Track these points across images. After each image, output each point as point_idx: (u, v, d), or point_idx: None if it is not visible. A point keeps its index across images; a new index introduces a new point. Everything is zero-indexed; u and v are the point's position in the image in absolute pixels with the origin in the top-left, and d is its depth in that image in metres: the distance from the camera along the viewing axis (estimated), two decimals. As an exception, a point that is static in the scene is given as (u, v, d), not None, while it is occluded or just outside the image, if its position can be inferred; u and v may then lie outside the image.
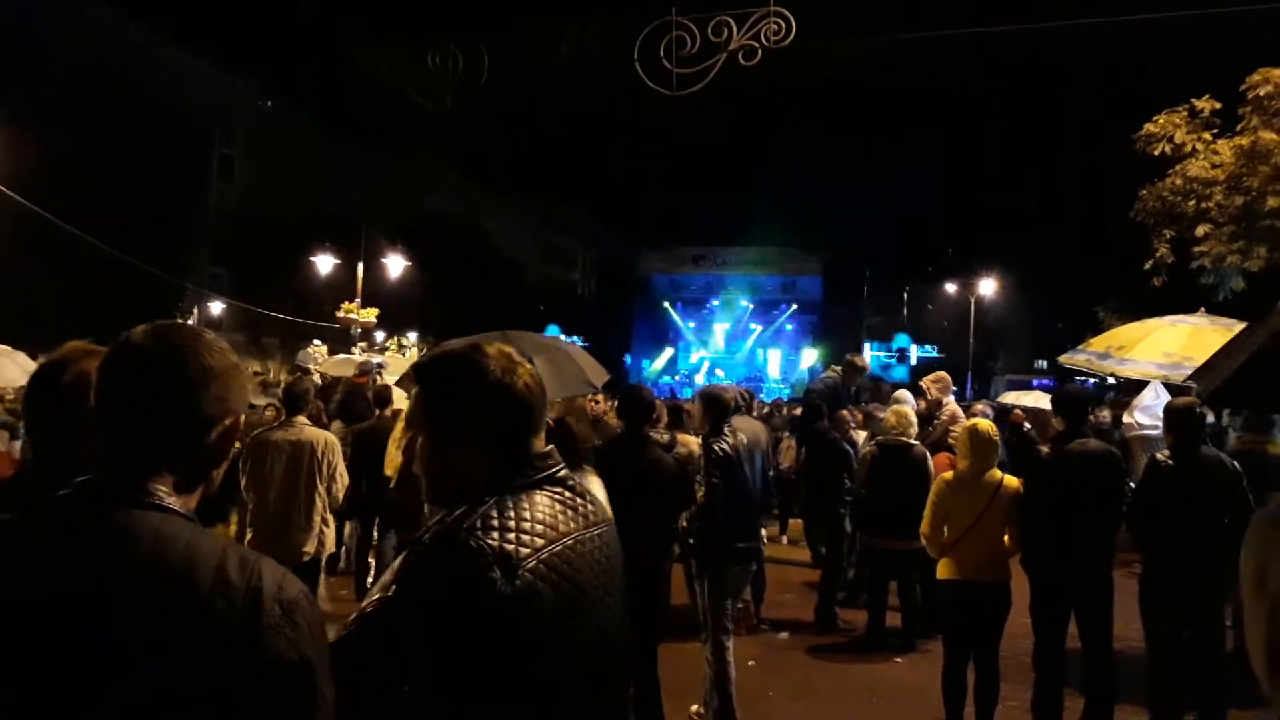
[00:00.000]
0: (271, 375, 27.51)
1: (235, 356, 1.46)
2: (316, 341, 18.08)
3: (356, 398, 10.35)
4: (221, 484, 1.53)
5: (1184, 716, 5.03)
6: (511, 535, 1.51)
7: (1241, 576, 1.97)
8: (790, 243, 45.21)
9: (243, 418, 1.47)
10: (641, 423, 4.89)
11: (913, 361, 44.62)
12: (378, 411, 8.35)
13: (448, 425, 1.66)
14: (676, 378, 42.94)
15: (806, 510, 9.47)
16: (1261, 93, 10.70)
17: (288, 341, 30.01)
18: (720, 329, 45.98)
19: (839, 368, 9.36)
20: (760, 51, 9.12)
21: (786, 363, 45.73)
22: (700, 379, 42.94)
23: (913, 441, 7.01)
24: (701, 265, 47.20)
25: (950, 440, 7.83)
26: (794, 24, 8.98)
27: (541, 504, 1.61)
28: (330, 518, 6.05)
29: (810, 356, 45.60)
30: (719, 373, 43.97)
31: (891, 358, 45.32)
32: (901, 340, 45.87)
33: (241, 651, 1.22)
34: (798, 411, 11.93)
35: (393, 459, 6.64)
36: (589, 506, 1.71)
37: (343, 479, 6.06)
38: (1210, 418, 7.33)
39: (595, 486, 5.95)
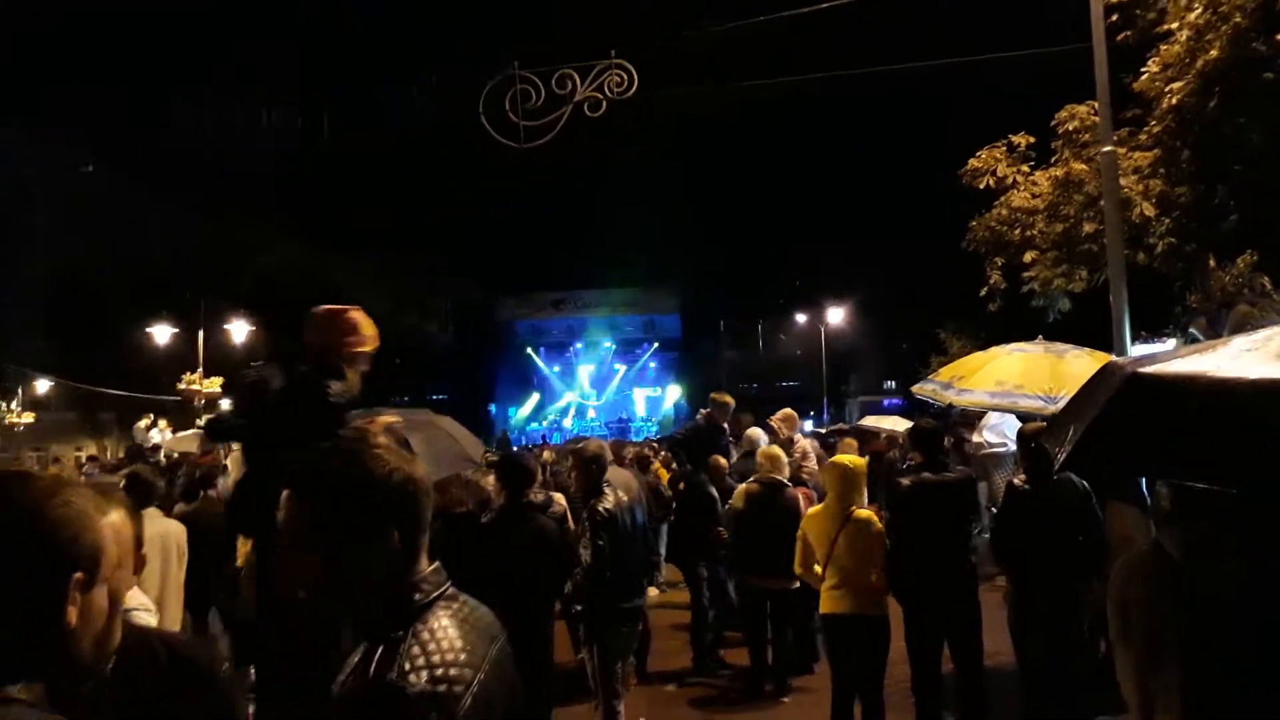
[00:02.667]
0: (109, 454, 25.79)
1: (63, 499, 1.31)
2: (149, 417, 17.03)
3: (212, 476, 9.76)
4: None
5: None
6: (440, 671, 1.42)
7: (1109, 621, 2.06)
8: (648, 283, 45.87)
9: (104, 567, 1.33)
10: (523, 491, 4.79)
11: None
12: (202, 493, 7.69)
13: (346, 538, 1.50)
14: (545, 423, 42.65)
15: (680, 558, 9.47)
16: (1070, 127, 11.56)
17: (125, 417, 28.21)
18: (585, 371, 46.08)
19: (706, 410, 9.47)
20: (605, 102, 9.27)
21: (651, 401, 46.18)
22: (569, 423, 42.84)
23: (785, 481, 7.14)
24: (562, 309, 47.23)
25: (804, 476, 8.04)
26: (635, 76, 9.17)
27: (452, 630, 1.50)
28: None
29: (674, 393, 46.22)
30: (590, 413, 44.00)
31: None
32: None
33: None
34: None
35: (242, 549, 6.25)
36: (486, 617, 1.62)
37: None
38: None
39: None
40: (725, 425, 8.97)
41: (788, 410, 8.95)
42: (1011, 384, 7.81)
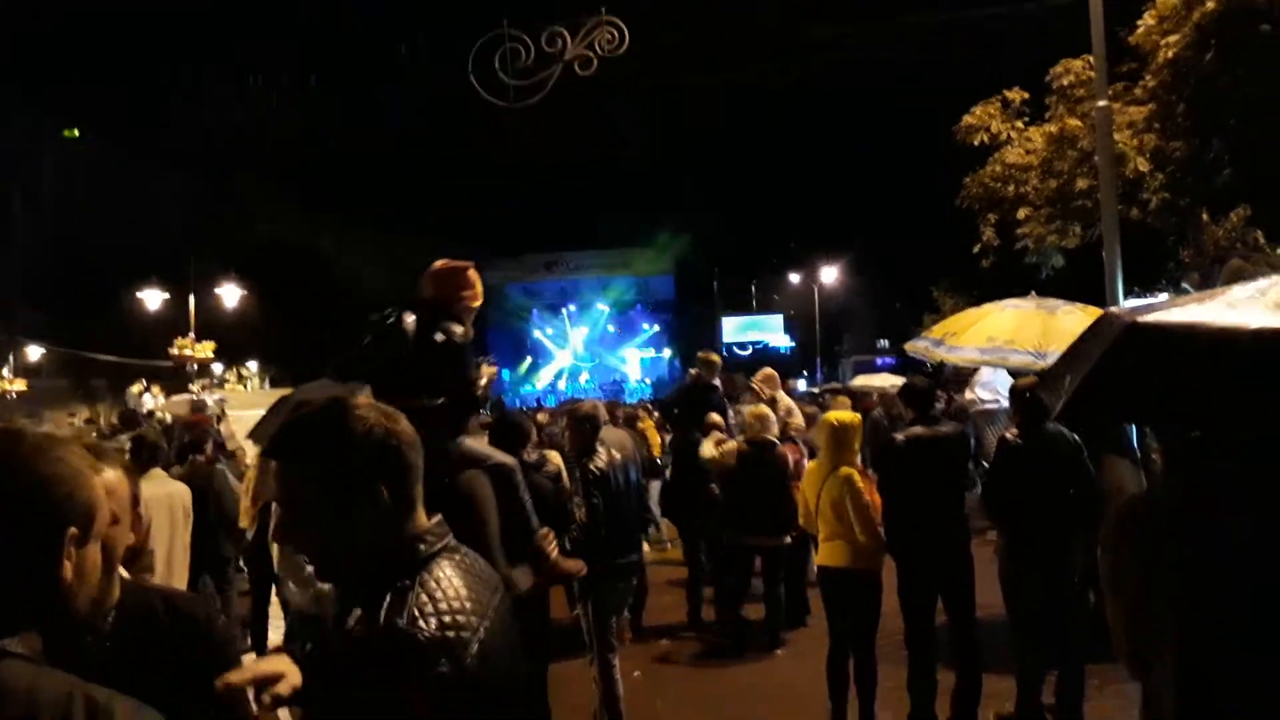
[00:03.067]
0: (102, 421, 25.76)
1: (57, 455, 1.31)
2: (142, 383, 17.00)
3: (201, 440, 9.74)
4: None
5: (1046, 676, 5.31)
6: (449, 619, 1.42)
7: (1101, 573, 2.07)
8: (641, 243, 45.66)
9: (98, 523, 1.33)
10: (516, 451, 4.79)
11: (787, 343, 46.00)
12: (191, 456, 7.62)
13: (336, 498, 1.49)
14: (539, 386, 42.71)
15: (675, 515, 9.51)
16: (1065, 82, 11.49)
17: (117, 384, 28.14)
18: (578, 334, 46.02)
19: (695, 370, 9.47)
20: (595, 61, 9.15)
21: (645, 363, 46.22)
22: (563, 385, 42.89)
23: (774, 440, 7.17)
24: (554, 271, 47.05)
25: (791, 433, 8.07)
26: (627, 32, 9.04)
27: (457, 580, 1.51)
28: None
29: (668, 355, 46.26)
30: (584, 376, 44.05)
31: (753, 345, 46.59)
32: (757, 326, 47.21)
33: None
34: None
35: (246, 509, 6.29)
36: (487, 570, 1.63)
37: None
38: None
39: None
40: (717, 383, 8.97)
41: (768, 370, 8.94)
42: (1002, 340, 7.85)
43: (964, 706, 5.26)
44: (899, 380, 13.02)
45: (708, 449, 7.67)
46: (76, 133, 36.05)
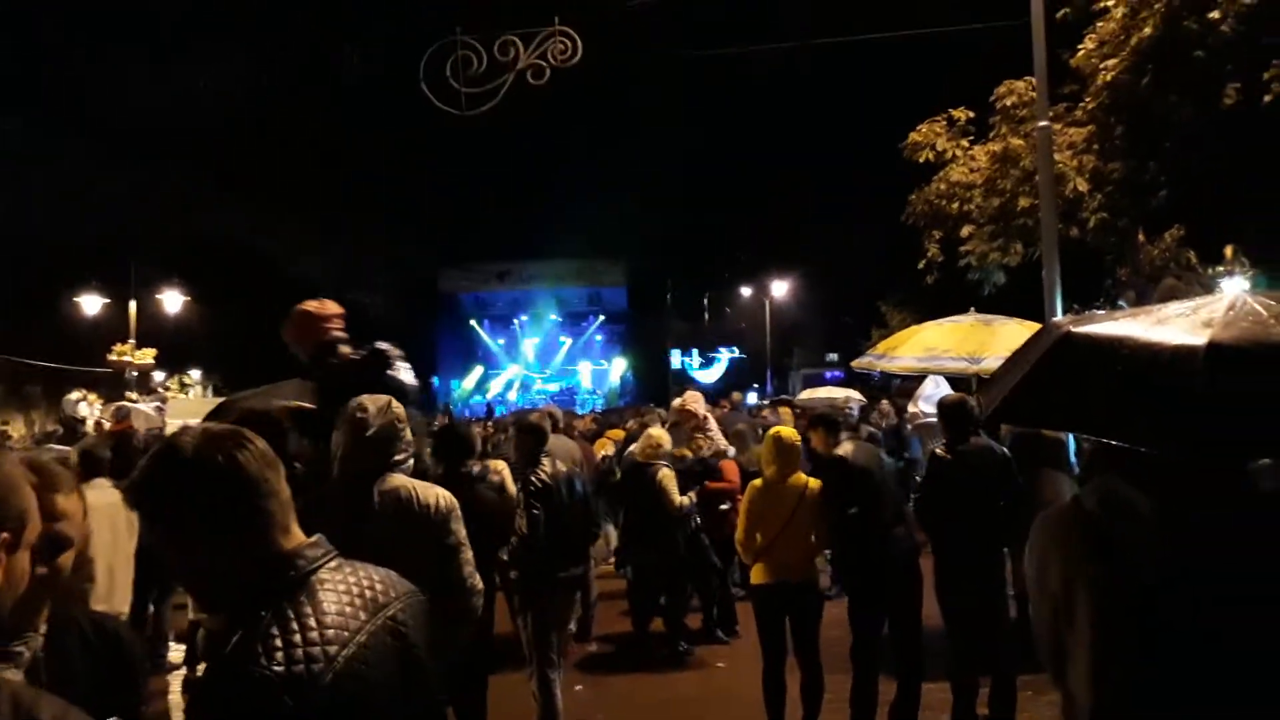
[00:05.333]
0: (37, 428, 25.02)
1: (4, 464, 1.35)
2: (81, 391, 16.54)
3: (129, 449, 9.48)
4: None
5: (980, 685, 5.38)
6: (299, 653, 1.38)
7: (1027, 575, 2.10)
8: (593, 254, 45.61)
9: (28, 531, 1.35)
10: (461, 461, 4.74)
11: (723, 363, 46.25)
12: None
13: (167, 529, 1.49)
14: (489, 396, 42.39)
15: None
16: (1008, 102, 11.72)
17: (53, 390, 27.34)
18: (530, 344, 45.79)
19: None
20: (548, 71, 9.13)
21: (597, 374, 46.14)
22: (513, 396, 42.65)
23: (654, 461, 7.21)
24: (506, 281, 46.76)
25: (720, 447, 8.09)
26: (580, 43, 9.05)
27: (328, 601, 1.47)
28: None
29: (620, 366, 46.22)
30: (537, 385, 43.83)
31: (704, 363, 46.84)
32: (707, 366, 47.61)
33: None
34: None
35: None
36: (379, 585, 1.59)
37: None
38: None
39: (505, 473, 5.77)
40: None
41: (691, 392, 8.94)
42: (940, 349, 8.15)
43: (901, 717, 5.29)
44: (842, 391, 13.16)
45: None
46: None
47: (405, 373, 3.85)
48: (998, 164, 11.71)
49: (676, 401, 8.69)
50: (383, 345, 3.91)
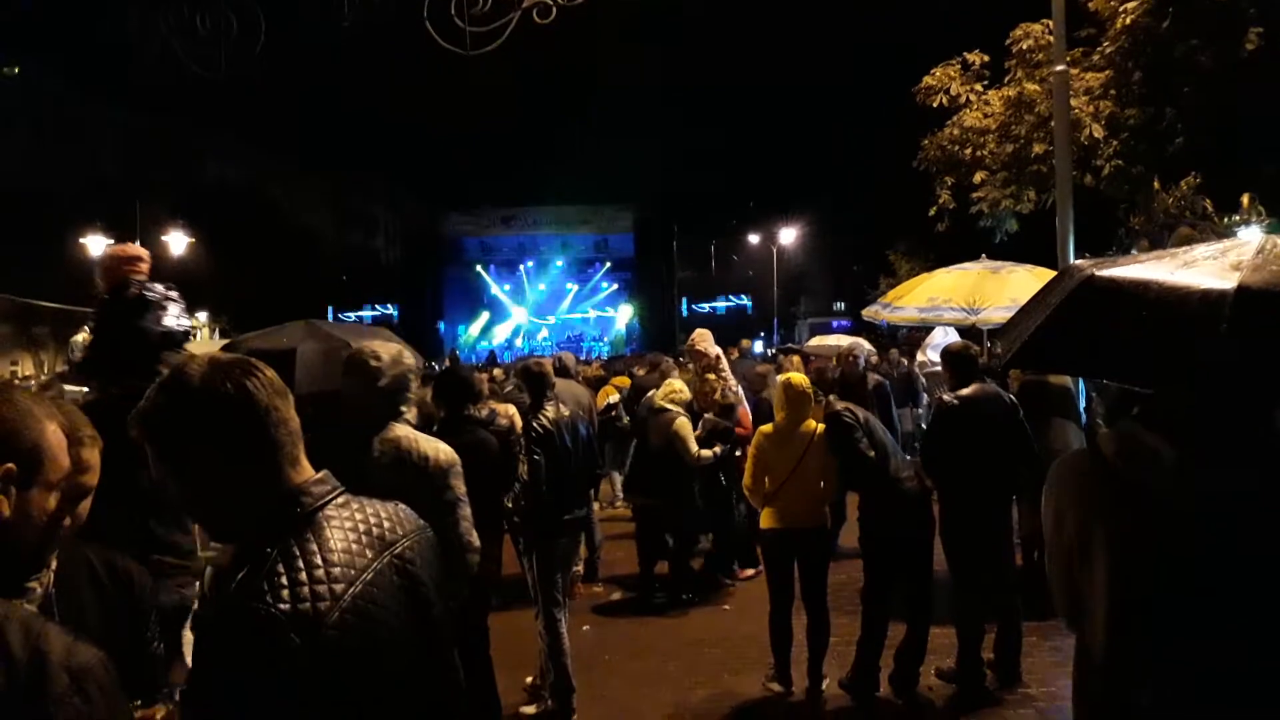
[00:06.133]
0: (46, 368, 25.11)
1: (15, 406, 1.37)
2: (86, 332, 16.51)
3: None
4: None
5: (985, 632, 5.42)
6: (305, 590, 1.36)
7: (1044, 519, 2.08)
8: (601, 200, 45.30)
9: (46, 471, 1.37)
10: (462, 405, 4.71)
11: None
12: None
13: (175, 458, 1.46)
14: (495, 341, 42.42)
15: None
16: (1024, 46, 11.50)
17: (61, 331, 27.40)
18: (536, 290, 45.68)
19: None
20: (554, 9, 8.93)
21: (603, 321, 46.08)
22: (519, 342, 42.67)
23: (670, 408, 7.14)
24: (512, 226, 46.52)
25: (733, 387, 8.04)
26: (589, -19, 8.84)
27: (334, 539, 1.45)
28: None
29: (626, 313, 46.16)
30: (542, 333, 43.82)
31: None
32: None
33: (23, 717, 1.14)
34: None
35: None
36: (386, 522, 1.57)
37: None
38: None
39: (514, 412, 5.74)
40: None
41: (701, 330, 8.77)
42: (941, 299, 8.11)
43: (908, 661, 5.34)
44: (846, 339, 13.10)
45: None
46: (16, 70, 34.67)
47: (171, 318, 3.77)
48: (1012, 109, 11.53)
49: (699, 341, 8.34)
50: (151, 290, 3.81)
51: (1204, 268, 1.87)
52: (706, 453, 7.01)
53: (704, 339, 8.13)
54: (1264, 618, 1.74)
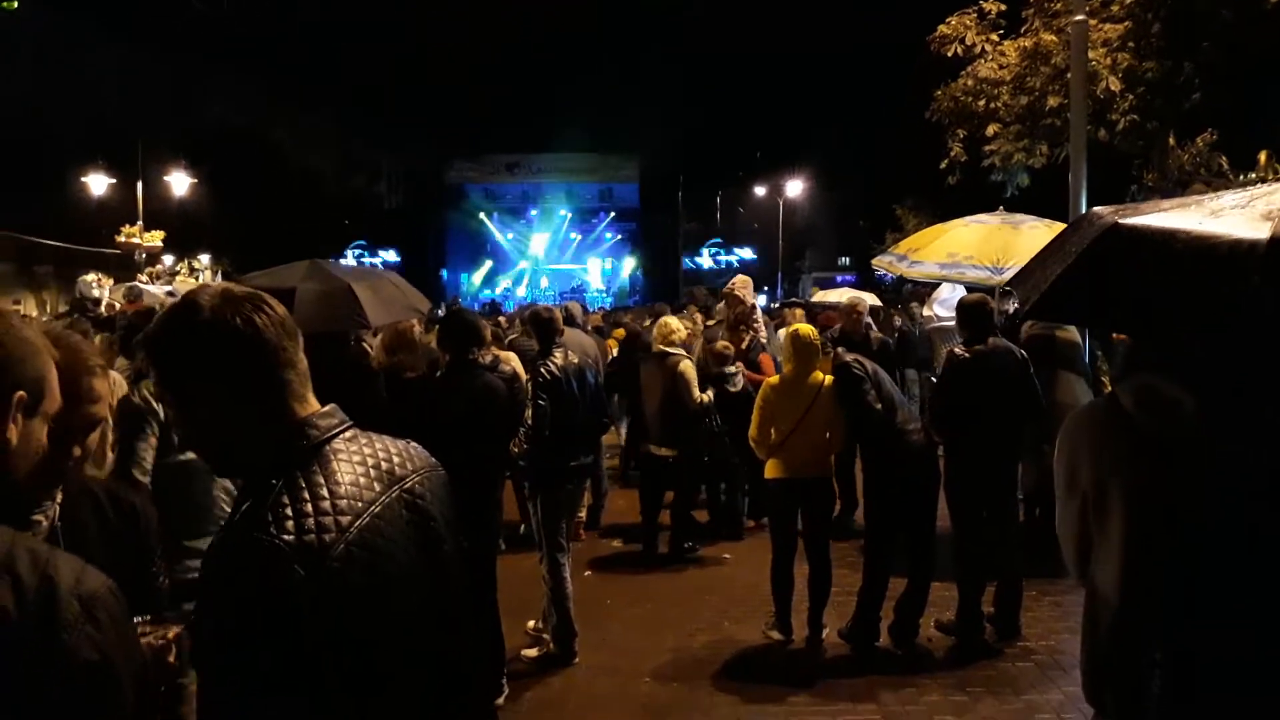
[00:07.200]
0: (49, 308, 25.09)
1: (22, 332, 1.35)
2: (95, 273, 16.51)
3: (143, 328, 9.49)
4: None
5: (986, 586, 5.45)
6: (310, 522, 1.33)
7: (1055, 473, 2.05)
8: (606, 149, 44.84)
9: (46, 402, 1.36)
10: (468, 349, 4.68)
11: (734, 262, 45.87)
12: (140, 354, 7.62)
13: (180, 389, 1.45)
14: (498, 290, 42.30)
15: None
16: (1041, -6, 11.27)
17: (63, 270, 27.31)
18: (539, 239, 45.43)
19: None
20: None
21: (607, 272, 45.92)
22: (522, 291, 42.54)
23: (671, 352, 6.94)
24: (516, 174, 46.15)
25: (762, 340, 7.96)
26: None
27: (342, 471, 1.42)
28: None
29: (630, 264, 45.96)
30: (544, 282, 43.67)
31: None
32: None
33: (33, 651, 1.14)
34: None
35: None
36: (395, 458, 1.54)
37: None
38: (1009, 308, 7.85)
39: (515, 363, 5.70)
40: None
41: (743, 276, 8.64)
42: (962, 255, 7.90)
43: (908, 613, 5.38)
44: (851, 292, 13.01)
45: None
46: (15, 4, 34.09)
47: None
48: (1028, 60, 11.32)
49: (738, 285, 8.12)
50: None
51: (1233, 217, 1.82)
52: (704, 395, 6.95)
53: (745, 286, 7.98)
54: (1270, 602, 1.72)
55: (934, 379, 7.19)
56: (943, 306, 11.24)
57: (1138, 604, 1.84)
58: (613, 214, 45.73)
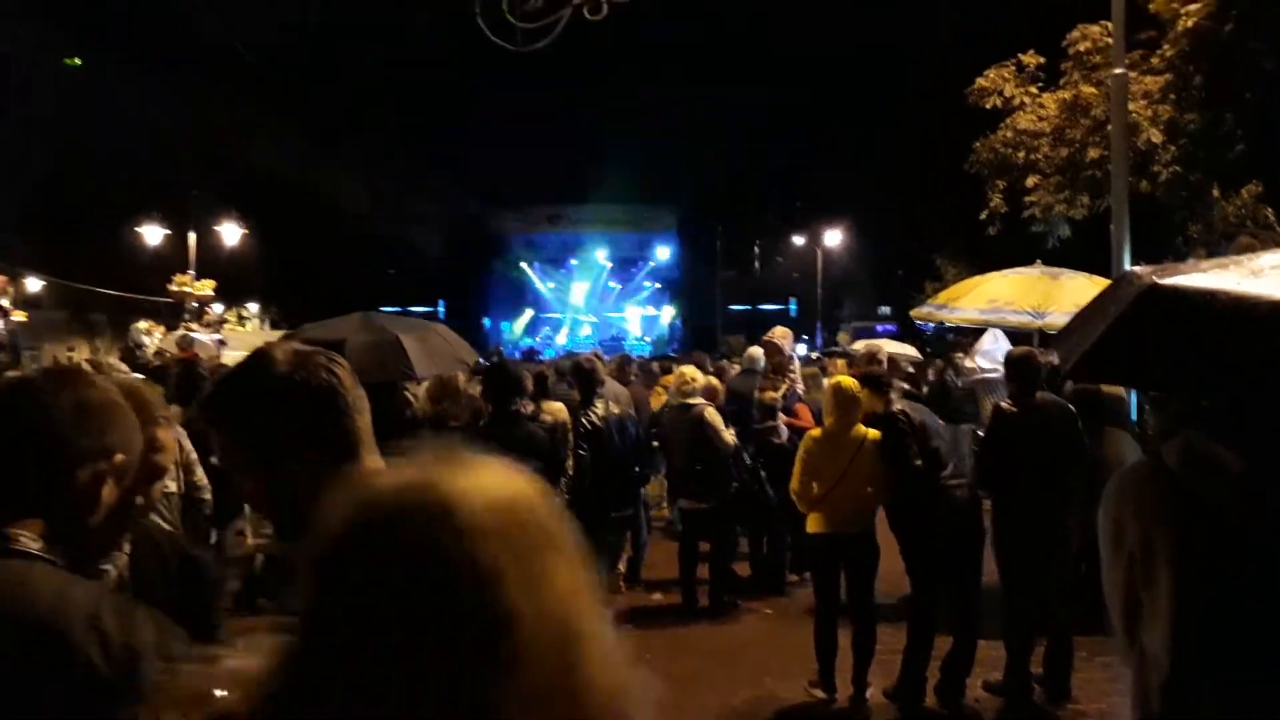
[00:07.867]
0: (102, 355, 25.71)
1: (117, 394, 1.43)
2: (148, 321, 16.96)
3: (194, 375, 9.66)
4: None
5: (1035, 645, 5.34)
6: None
7: (1100, 533, 2.05)
8: (645, 200, 45.33)
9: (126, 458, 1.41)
10: (510, 400, 4.76)
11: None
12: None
13: (261, 450, 1.45)
14: (539, 340, 42.64)
15: None
16: (1081, 48, 11.32)
17: (117, 318, 28.02)
18: (579, 288, 45.87)
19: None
20: (606, 6, 8.96)
21: (646, 320, 46.15)
22: (562, 340, 42.85)
23: (693, 402, 6.85)
24: (558, 224, 46.78)
25: (799, 390, 7.94)
26: (640, -21, 8.85)
27: None
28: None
29: (669, 313, 46.15)
30: (585, 330, 43.98)
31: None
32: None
33: (116, 705, 1.18)
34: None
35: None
36: None
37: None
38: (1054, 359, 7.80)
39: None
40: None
41: (782, 327, 8.68)
42: (1002, 301, 7.91)
43: (955, 672, 5.28)
44: (893, 344, 12.93)
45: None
46: (78, 61, 35.47)
47: None
48: (1067, 112, 11.35)
49: (778, 335, 8.13)
50: None
51: (1273, 277, 1.84)
52: (729, 435, 6.87)
53: (785, 337, 8.05)
54: None
55: (978, 432, 7.12)
56: (985, 358, 11.12)
57: (1187, 665, 1.82)
58: (651, 263, 46.11)
